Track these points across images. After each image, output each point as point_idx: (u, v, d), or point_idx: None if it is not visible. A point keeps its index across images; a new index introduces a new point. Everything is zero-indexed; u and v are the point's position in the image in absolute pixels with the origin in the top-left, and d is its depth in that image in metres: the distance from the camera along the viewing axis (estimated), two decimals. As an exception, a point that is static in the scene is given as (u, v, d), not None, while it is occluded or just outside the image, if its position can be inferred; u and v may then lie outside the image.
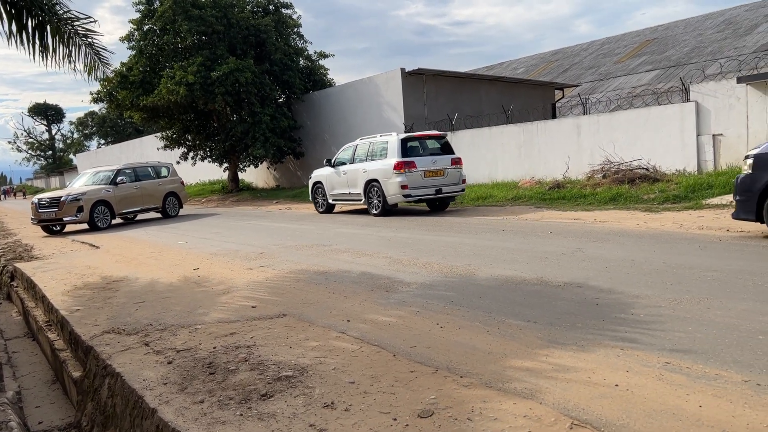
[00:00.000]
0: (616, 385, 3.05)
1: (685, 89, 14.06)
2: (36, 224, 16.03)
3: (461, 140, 18.70)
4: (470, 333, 4.16)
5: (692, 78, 19.72)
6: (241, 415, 3.10)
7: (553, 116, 24.63)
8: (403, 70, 20.72)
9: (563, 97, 28.48)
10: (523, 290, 5.29)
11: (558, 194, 13.18)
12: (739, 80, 12.71)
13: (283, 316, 5.06)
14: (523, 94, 24.47)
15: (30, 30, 8.16)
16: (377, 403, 3.09)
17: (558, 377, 3.22)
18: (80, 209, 15.45)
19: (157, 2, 23.67)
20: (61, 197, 15.48)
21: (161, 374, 3.87)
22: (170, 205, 18.28)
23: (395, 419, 2.89)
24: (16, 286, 9.34)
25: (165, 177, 18.51)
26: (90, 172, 17.96)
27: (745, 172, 7.19)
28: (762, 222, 7.02)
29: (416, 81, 20.97)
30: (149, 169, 18.41)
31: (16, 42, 8.11)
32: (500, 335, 4.06)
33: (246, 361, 3.94)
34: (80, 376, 4.83)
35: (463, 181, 13.60)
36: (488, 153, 18.03)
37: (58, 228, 16.11)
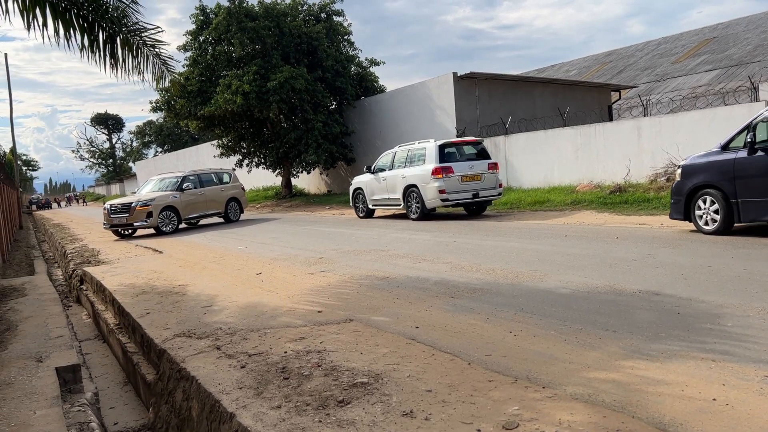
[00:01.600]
0: (714, 400, 2.88)
1: (754, 88, 13.46)
2: (108, 229, 16.82)
3: (515, 144, 18.43)
4: (546, 342, 4.03)
5: (758, 77, 18.88)
6: (320, 421, 3.08)
7: (610, 118, 24.02)
8: (455, 74, 20.59)
9: (619, 98, 27.74)
10: (597, 298, 5.12)
11: (620, 198, 12.79)
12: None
13: (350, 321, 5.04)
14: (577, 97, 23.96)
15: (101, 42, 8.43)
16: (458, 413, 3.01)
17: (648, 390, 3.07)
18: (149, 215, 16.18)
19: (213, 14, 24.25)
20: (132, 203, 16.25)
21: (236, 378, 3.89)
22: (232, 210, 18.80)
23: (479, 430, 2.81)
24: (86, 290, 9.65)
25: (227, 183, 19.15)
26: (156, 179, 18.65)
27: (677, 179, 8.62)
28: (689, 221, 8.49)
29: (468, 85, 20.80)
30: (212, 175, 19.10)
31: (87, 55, 8.40)
32: (579, 345, 3.92)
33: (319, 366, 3.92)
34: (154, 378, 4.92)
35: (500, 185, 13.98)
36: (543, 156, 17.69)
37: (129, 232, 16.93)
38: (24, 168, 74.30)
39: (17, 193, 32.02)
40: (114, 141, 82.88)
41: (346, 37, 26.44)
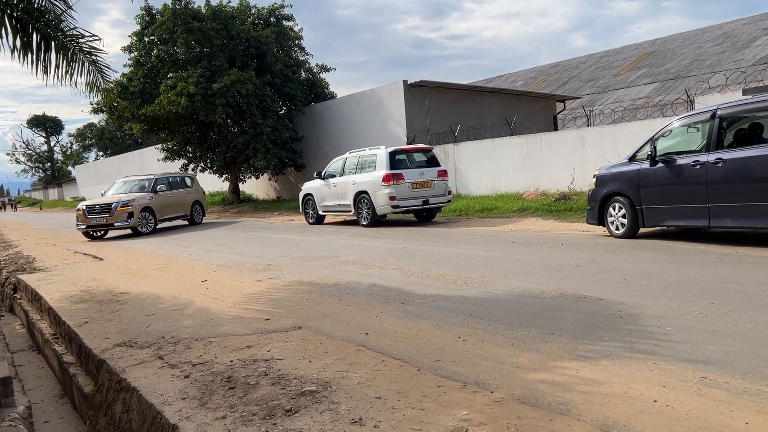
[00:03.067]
0: (655, 401, 2.96)
1: (690, 101, 14.06)
2: (82, 230, 16.66)
3: (464, 152, 18.69)
4: (494, 346, 4.07)
5: (694, 90, 19.76)
6: (266, 431, 3.00)
7: (555, 128, 24.64)
8: (405, 82, 20.74)
9: (564, 109, 28.54)
10: (543, 303, 5.20)
11: (565, 206, 13.12)
12: (745, 92, 12.72)
13: (298, 329, 4.97)
14: (524, 106, 24.50)
15: (35, 46, 8.08)
16: (407, 420, 2.99)
17: (592, 391, 3.13)
18: (131, 215, 16.37)
19: (158, 15, 23.69)
20: (112, 203, 16.29)
21: (179, 388, 3.76)
22: (196, 213, 19.39)
23: (428, 436, 2.80)
24: (20, 299, 9.21)
25: (190, 187, 19.57)
26: (120, 182, 18.86)
27: (592, 187, 9.36)
28: (603, 225, 9.21)
29: (418, 93, 20.99)
30: (179, 178, 19.50)
31: (19, 57, 8.03)
32: (525, 349, 3.97)
33: (266, 375, 3.83)
34: (92, 390, 4.71)
35: (450, 193, 14.17)
36: (491, 164, 18.00)
37: (101, 233, 16.93)
38: (-46, 171, 70.67)
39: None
40: (52, 144, 79.85)
41: (296, 42, 26.30)
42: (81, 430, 4.86)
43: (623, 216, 8.78)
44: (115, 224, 16.30)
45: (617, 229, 8.91)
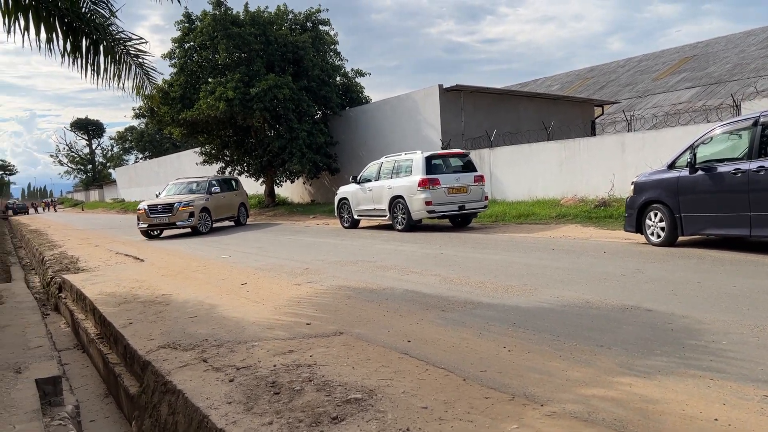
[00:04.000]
0: (716, 420, 2.85)
1: (736, 106, 13.67)
2: (144, 229, 17.32)
3: (500, 157, 18.52)
4: (541, 357, 3.98)
5: (739, 95, 19.22)
6: (314, 439, 2.99)
7: (593, 133, 24.25)
8: (440, 86, 20.66)
9: (602, 113, 28.06)
10: (590, 313, 5.09)
11: (605, 213, 12.87)
12: (795, 97, 12.30)
13: (339, 335, 4.95)
14: (561, 111, 24.16)
15: (84, 49, 8.28)
16: (455, 431, 2.94)
17: (649, 409, 3.03)
18: (191, 215, 17.03)
19: (198, 21, 24.10)
20: (174, 203, 16.99)
21: (224, 392, 3.78)
22: (242, 215, 20.32)
23: (478, 449, 2.74)
24: (65, 298, 9.43)
25: (236, 189, 20.46)
26: (173, 184, 19.73)
27: (630, 194, 9.31)
28: (641, 233, 9.10)
29: (454, 97, 20.88)
30: (227, 181, 20.42)
31: (69, 61, 8.23)
32: (574, 361, 3.87)
33: (310, 381, 3.82)
34: (137, 391, 4.77)
35: (486, 198, 14.03)
36: (528, 170, 17.78)
37: (157, 233, 17.64)
38: (1, 172, 73.00)
39: (-7, 198, 31.38)
40: (94, 146, 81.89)
41: (332, 46, 26.42)
42: (125, 430, 4.93)
43: (662, 224, 8.65)
44: (177, 223, 16.96)
45: (656, 237, 8.77)
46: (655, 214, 8.75)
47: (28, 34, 7.80)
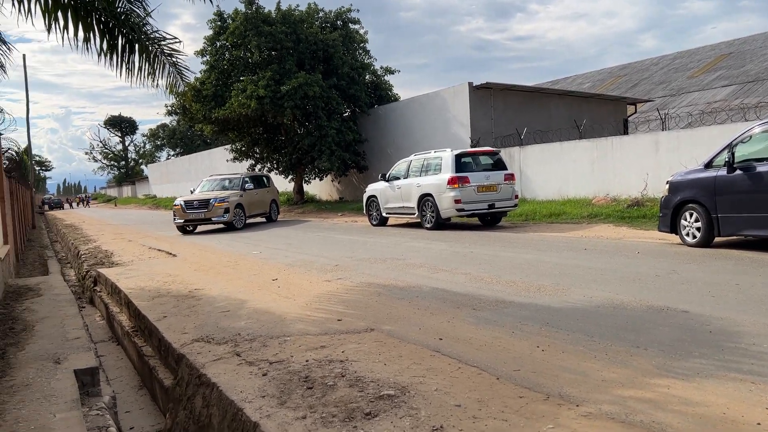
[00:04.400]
0: (758, 424, 2.78)
1: (776, 104, 13.29)
2: (180, 224, 17.60)
3: (530, 155, 18.35)
4: (575, 357, 3.93)
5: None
6: (348, 434, 2.99)
7: (625, 132, 23.88)
8: (470, 84, 20.55)
9: (635, 112, 27.60)
10: (624, 314, 5.01)
11: (638, 212, 12.66)
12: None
13: (370, 331, 4.96)
14: (593, 109, 23.84)
15: (120, 48, 8.45)
16: (490, 430, 2.92)
17: (688, 411, 2.97)
18: (227, 210, 17.30)
19: (230, 20, 24.36)
20: (210, 199, 17.34)
21: (258, 386, 3.81)
22: (273, 211, 20.63)
23: (513, 448, 2.72)
24: (100, 291, 9.63)
25: (268, 186, 20.73)
26: (207, 180, 20.06)
27: (664, 194, 9.13)
28: (676, 233, 8.92)
29: (483, 95, 20.75)
30: (259, 178, 20.72)
31: (105, 59, 8.41)
32: (610, 362, 3.82)
33: (342, 376, 3.84)
34: (171, 383, 4.85)
35: (516, 197, 13.91)
36: (559, 169, 17.59)
37: (191, 228, 17.90)
38: (37, 168, 74.76)
39: (31, 193, 32.22)
40: (127, 143, 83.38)
41: (361, 45, 26.50)
42: (160, 422, 5.01)
43: (697, 224, 8.50)
44: (213, 219, 17.27)
45: (691, 237, 8.62)
46: (691, 214, 8.60)
47: (67, 33, 7.99)
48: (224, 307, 6.37)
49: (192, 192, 19.34)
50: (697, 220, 8.51)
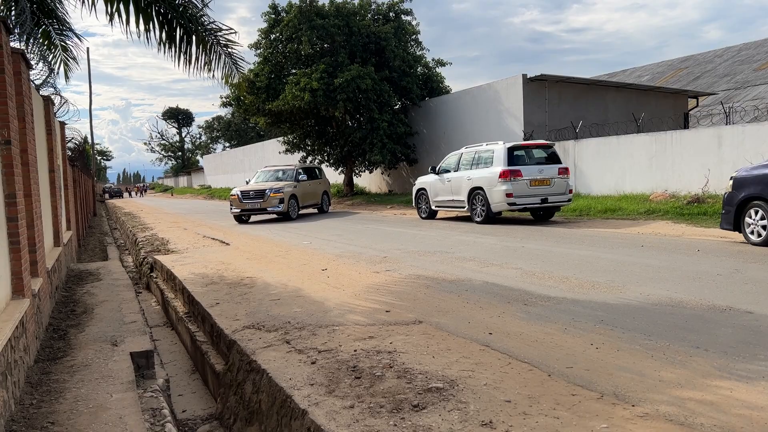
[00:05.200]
0: (831, 433, 2.62)
1: None
2: (237, 214, 18.08)
3: (585, 149, 17.90)
4: (631, 356, 3.80)
5: None
6: (395, 425, 2.97)
7: (686, 126, 23.01)
8: (524, 76, 20.17)
9: (697, 106, 26.55)
10: (683, 313, 4.82)
11: (698, 209, 12.18)
12: None
13: (418, 323, 4.93)
14: (652, 103, 23.05)
15: (178, 39, 8.66)
16: (541, 427, 2.85)
17: (753, 416, 2.82)
18: (281, 201, 17.66)
19: (284, 13, 24.63)
20: (265, 190, 17.74)
21: (307, 374, 3.84)
22: (324, 203, 20.82)
23: (565, 447, 2.64)
24: (156, 277, 9.92)
25: (320, 178, 20.99)
26: (262, 171, 20.53)
27: (728, 190, 8.78)
28: (739, 231, 8.58)
29: (538, 87, 20.33)
30: (312, 170, 20.93)
31: (164, 50, 8.63)
32: (667, 362, 3.67)
33: (390, 367, 3.83)
34: (223, 369, 4.95)
35: (570, 191, 13.57)
36: (615, 163, 17.09)
37: (246, 218, 18.25)
38: (99, 158, 77.63)
39: (93, 182, 33.49)
40: (183, 134, 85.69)
41: (413, 37, 26.36)
42: (211, 405, 5.12)
43: (763, 222, 8.15)
44: (268, 209, 17.60)
45: (756, 236, 8.26)
46: (756, 212, 8.25)
47: (128, 25, 8.24)
48: (275, 295, 6.46)
49: (248, 182, 19.72)
50: (762, 218, 8.15)
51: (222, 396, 4.78)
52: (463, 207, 14.29)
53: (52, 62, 9.44)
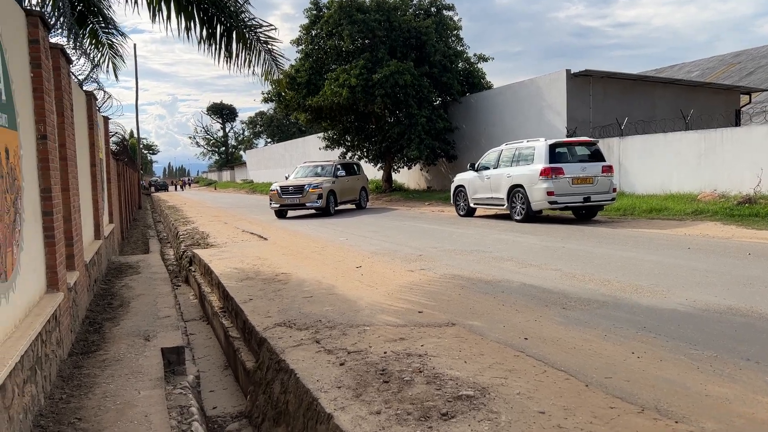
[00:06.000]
0: None
1: None
2: (276, 209, 18.20)
3: (631, 146, 17.36)
4: (676, 368, 3.59)
5: None
6: (422, 434, 2.86)
7: (737, 123, 22.13)
8: (568, 71, 19.70)
9: (750, 102, 25.51)
10: (732, 321, 4.56)
11: (749, 210, 11.66)
12: None
13: (451, 325, 4.80)
14: (702, 99, 22.24)
15: (218, 36, 8.71)
16: (576, 442, 2.69)
17: (810, 439, 2.61)
18: (320, 196, 17.72)
19: (326, 9, 24.65)
20: (304, 185, 17.80)
21: (334, 376, 3.76)
22: (362, 198, 20.83)
23: (601, 465, 2.49)
24: (194, 271, 10.02)
25: (358, 174, 21.01)
26: (301, 167, 20.61)
27: None
28: None
29: (582, 83, 19.83)
30: (351, 165, 20.98)
31: (204, 47, 8.70)
32: (715, 374, 3.46)
33: (420, 372, 3.71)
34: (253, 366, 4.92)
35: (614, 190, 13.19)
36: (662, 161, 16.52)
37: (284, 213, 18.39)
38: (145, 152, 79.61)
39: (138, 175, 34.30)
40: (227, 130, 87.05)
41: (455, 32, 26.07)
42: (241, 403, 5.10)
43: None
44: (307, 204, 17.66)
45: None
46: None
47: (170, 22, 8.33)
48: (308, 292, 6.41)
49: (287, 178, 19.83)
50: None
51: (252, 394, 4.74)
52: (503, 205, 14.04)
53: (100, 60, 9.63)
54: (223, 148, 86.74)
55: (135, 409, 3.50)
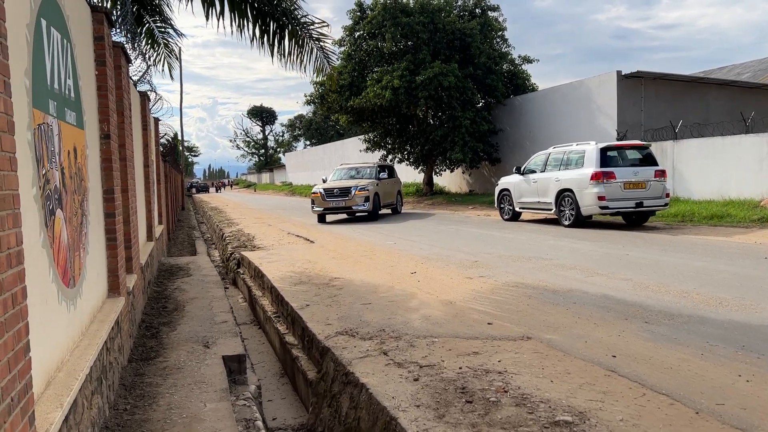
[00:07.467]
0: None
1: None
2: (320, 212, 17.24)
3: (686, 150, 16.68)
4: (794, 395, 3.23)
5: None
6: (522, 465, 2.58)
7: (799, 126, 21.10)
8: (619, 72, 19.10)
9: (810, 104, 24.36)
10: (844, 342, 4.14)
11: (823, 218, 11.00)
12: None
13: (527, 339, 4.49)
14: (760, 101, 21.32)
15: (271, 34, 8.60)
16: (703, 481, 2.37)
17: None
18: (367, 199, 16.93)
19: (369, 10, 24.49)
20: (351, 188, 17.01)
21: (410, 393, 3.51)
22: (398, 202, 19.99)
23: None
24: (242, 273, 9.91)
25: (394, 177, 20.26)
26: (339, 169, 19.92)
27: None
28: None
29: (633, 85, 19.19)
30: (388, 168, 20.28)
31: (257, 45, 8.59)
32: (843, 404, 3.08)
33: (505, 392, 3.42)
34: (315, 377, 4.69)
35: (667, 195, 12.65)
36: (719, 166, 15.81)
37: (326, 217, 17.55)
38: (187, 154, 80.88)
39: (182, 177, 34.73)
40: (267, 132, 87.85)
41: (500, 33, 25.61)
42: (302, 414, 4.89)
43: None
44: (353, 207, 16.85)
45: None
46: None
47: (223, 19, 8.24)
48: (365, 299, 6.17)
49: (324, 181, 19.24)
50: None
51: (314, 406, 4.52)
52: (550, 209, 13.60)
53: (156, 60, 9.62)
54: (263, 151, 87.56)
55: (203, 423, 3.30)
